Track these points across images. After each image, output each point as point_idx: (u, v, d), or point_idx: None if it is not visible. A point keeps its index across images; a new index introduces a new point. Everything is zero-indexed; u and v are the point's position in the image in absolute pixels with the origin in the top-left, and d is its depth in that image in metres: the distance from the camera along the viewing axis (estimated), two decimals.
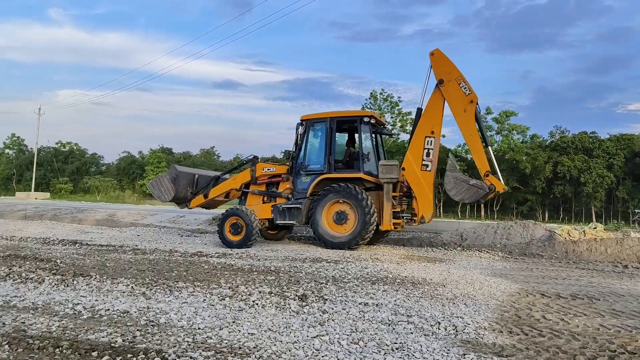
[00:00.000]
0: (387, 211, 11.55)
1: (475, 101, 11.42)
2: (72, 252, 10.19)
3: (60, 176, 62.07)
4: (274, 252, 11.06)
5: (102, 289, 6.75)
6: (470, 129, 11.47)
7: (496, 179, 11.27)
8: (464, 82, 11.46)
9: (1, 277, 7.34)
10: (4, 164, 69.25)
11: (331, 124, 12.16)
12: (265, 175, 13.01)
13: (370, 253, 11.35)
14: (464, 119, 11.46)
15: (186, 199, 13.74)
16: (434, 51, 11.91)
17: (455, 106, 11.56)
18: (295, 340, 4.75)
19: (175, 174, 13.32)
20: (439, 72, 11.72)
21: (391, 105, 41.98)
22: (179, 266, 8.66)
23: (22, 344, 4.45)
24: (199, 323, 5.22)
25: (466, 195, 11.32)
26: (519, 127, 37.71)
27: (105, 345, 4.44)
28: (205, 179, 14.13)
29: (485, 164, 11.35)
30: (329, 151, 12.07)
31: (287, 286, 7.10)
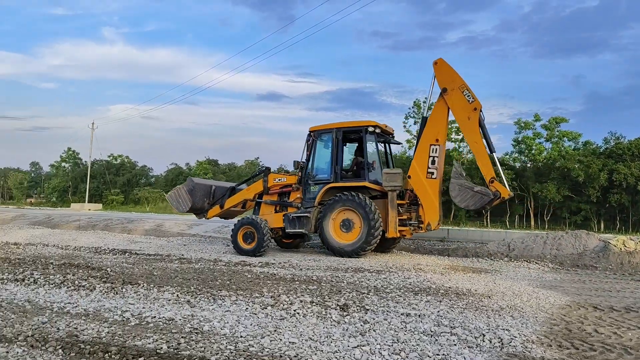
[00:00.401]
0: (392, 219, 11.66)
1: (479, 108, 11.48)
2: (122, 261, 10.54)
3: (112, 188, 64.40)
4: (316, 262, 11.08)
5: (149, 296, 6.95)
6: (474, 136, 11.57)
7: (501, 185, 11.28)
8: (468, 90, 11.58)
9: (56, 284, 7.68)
10: (60, 177, 72.45)
11: (337, 134, 12.41)
12: (277, 185, 13.36)
13: (414, 263, 11.20)
14: (468, 126, 11.60)
15: (203, 209, 14.25)
16: (437, 60, 12.07)
17: (459, 114, 11.70)
18: (336, 350, 4.73)
19: (192, 186, 13.83)
20: (442, 80, 11.89)
21: None
22: (222, 275, 8.82)
23: (75, 348, 4.64)
24: (241, 331, 5.29)
25: (471, 202, 11.33)
26: (570, 134, 36.44)
27: (151, 351, 4.57)
28: (221, 189, 14.59)
29: (490, 170, 11.39)
30: (335, 161, 12.32)
31: (328, 296, 7.10)
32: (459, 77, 11.74)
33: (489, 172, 11.37)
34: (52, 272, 8.69)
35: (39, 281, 7.88)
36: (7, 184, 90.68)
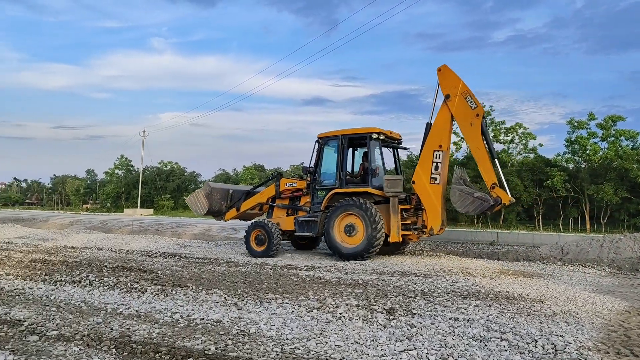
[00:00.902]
0: (395, 223, 11.86)
1: (481, 114, 11.57)
2: (172, 264, 10.82)
3: (163, 194, 66.40)
4: (361, 266, 11.02)
5: (197, 299, 7.09)
6: (476, 142, 11.64)
7: (502, 191, 11.31)
8: (470, 96, 11.65)
9: (110, 286, 7.96)
10: (114, 184, 75.31)
11: (343, 141, 12.70)
12: (288, 190, 13.80)
13: (462, 267, 10.96)
14: (470, 132, 11.68)
15: (221, 212, 14.82)
16: (441, 67, 12.16)
17: (462, 120, 11.78)
18: (382, 354, 4.68)
19: (209, 190, 14.37)
20: (446, 87, 11.98)
21: None
22: (269, 278, 8.90)
23: (127, 348, 4.79)
24: (287, 334, 5.31)
25: (471, 207, 11.34)
26: (628, 133, 34.75)
27: (199, 352, 4.65)
28: (238, 193, 15.12)
29: (491, 176, 11.43)
30: (340, 167, 12.65)
31: (374, 299, 7.04)
32: (463, 83, 11.80)
33: (490, 178, 11.44)
34: (106, 274, 9.01)
35: (94, 283, 8.19)
36: (65, 190, 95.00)
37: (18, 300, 6.92)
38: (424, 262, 11.81)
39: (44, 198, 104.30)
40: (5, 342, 4.92)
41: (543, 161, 36.15)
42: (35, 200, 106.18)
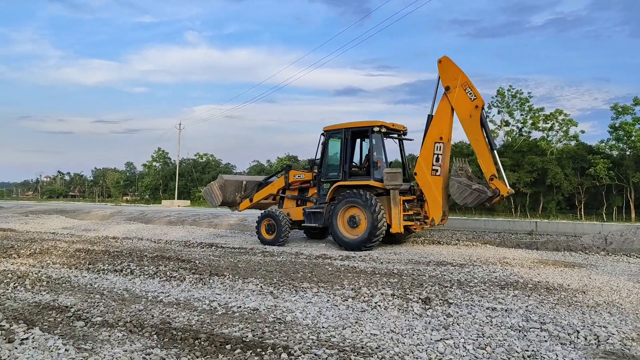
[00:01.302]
0: (396, 215, 11.97)
1: (480, 106, 11.53)
2: (209, 254, 11.03)
3: (199, 185, 67.52)
4: (396, 255, 10.97)
5: (234, 287, 7.22)
6: (475, 133, 11.62)
7: (501, 183, 11.33)
8: (470, 88, 11.62)
9: (150, 275, 8.19)
10: (152, 176, 77.02)
11: (346, 134, 12.87)
12: (297, 181, 14.13)
13: (499, 257, 10.78)
14: (469, 124, 11.65)
15: (235, 202, 15.30)
16: (442, 59, 12.16)
17: (461, 112, 11.77)
18: (418, 342, 4.67)
19: (222, 183, 14.92)
20: (446, 79, 11.99)
21: (520, 102, 39.53)
22: (304, 268, 8.97)
23: (168, 334, 4.92)
24: (323, 322, 5.36)
25: (469, 199, 11.36)
26: None
27: (237, 339, 4.75)
28: (252, 184, 15.59)
29: (490, 168, 11.45)
30: (344, 160, 12.84)
31: (410, 289, 7.01)
32: (463, 74, 11.77)
33: (489, 170, 11.46)
34: (146, 263, 9.26)
35: (135, 272, 8.44)
36: (105, 183, 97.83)
37: (65, 287, 7.20)
38: (460, 252, 11.67)
39: (86, 190, 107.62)
40: (54, 327, 5.14)
41: (585, 148, 35.07)
42: (77, 192, 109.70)
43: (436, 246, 13.16)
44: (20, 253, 10.56)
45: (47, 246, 11.88)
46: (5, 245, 11.96)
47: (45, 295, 6.68)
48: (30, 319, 5.41)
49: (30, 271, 8.39)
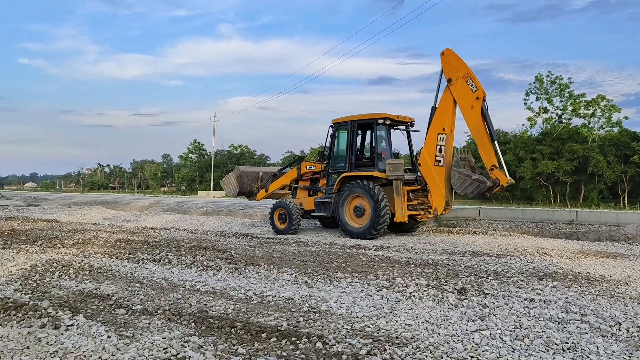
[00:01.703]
0: (399, 204, 12.21)
1: (481, 97, 11.61)
2: (244, 244, 11.18)
3: None
4: (431, 246, 10.88)
5: (269, 277, 7.31)
6: (476, 125, 11.71)
7: (501, 173, 11.42)
8: (472, 79, 11.72)
9: (187, 264, 8.37)
10: (188, 167, 78.48)
11: (352, 126, 13.18)
12: (309, 172, 14.54)
13: (537, 247, 10.55)
14: (470, 115, 11.75)
15: (252, 192, 15.90)
16: (445, 51, 12.27)
17: (463, 103, 11.86)
18: (454, 333, 4.63)
19: (239, 174, 15.58)
20: (448, 71, 12.11)
21: (560, 87, 38.38)
22: (338, 258, 8.99)
23: (205, 322, 5.03)
24: (357, 312, 5.37)
25: (469, 189, 11.50)
26: None
27: (272, 328, 4.81)
28: (268, 175, 16.03)
29: (491, 158, 11.57)
30: (350, 151, 13.15)
31: (445, 279, 6.95)
32: (465, 66, 11.88)
33: (489, 161, 11.58)
34: (183, 253, 9.47)
35: (173, 261, 8.64)
36: (143, 174, 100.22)
37: (106, 276, 7.44)
38: (497, 242, 11.48)
39: (125, 182, 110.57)
40: (97, 315, 5.32)
41: (629, 135, 33.85)
42: (117, 184, 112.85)
43: (472, 236, 12.98)
44: (64, 243, 10.96)
45: (89, 236, 12.28)
46: (50, 235, 12.42)
47: (88, 283, 6.92)
48: (75, 307, 5.62)
49: (74, 260, 8.70)
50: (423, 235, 13.08)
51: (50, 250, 10.03)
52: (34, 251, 9.81)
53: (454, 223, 16.16)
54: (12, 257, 8.97)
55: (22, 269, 7.91)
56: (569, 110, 38.33)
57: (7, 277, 7.27)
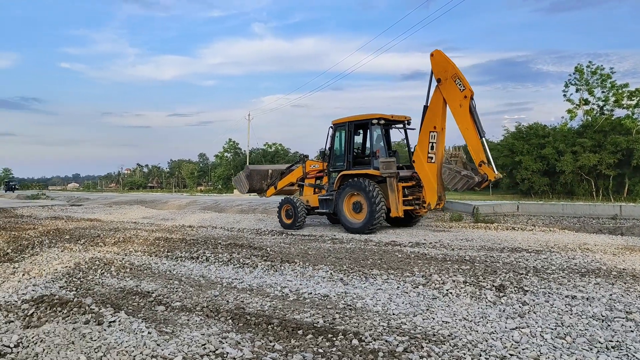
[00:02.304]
0: (394, 200, 12.72)
1: (469, 96, 11.95)
2: (280, 242, 11.27)
3: None
4: (468, 242, 10.71)
5: (305, 274, 7.35)
6: (465, 122, 12.04)
7: (489, 169, 11.80)
8: (460, 79, 12.09)
9: (224, 262, 8.49)
10: (224, 166, 79.48)
11: (349, 127, 13.80)
12: (313, 170, 15.31)
13: (579, 242, 10.24)
14: (459, 113, 12.11)
15: (262, 189, 16.75)
16: (434, 52, 12.70)
17: (452, 102, 12.26)
18: (492, 330, 4.55)
19: (248, 172, 16.55)
20: (437, 71, 12.50)
21: (601, 78, 37.10)
22: (373, 255, 8.96)
23: (242, 319, 5.10)
24: (393, 309, 5.34)
25: (459, 184, 12.00)
26: None
27: (309, 325, 4.83)
28: (277, 172, 16.83)
29: (479, 154, 11.91)
30: (348, 150, 13.81)
31: (482, 276, 6.83)
32: (453, 67, 12.25)
33: (478, 157, 11.94)
34: (220, 251, 9.62)
35: (210, 259, 8.78)
36: (180, 174, 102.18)
37: (146, 274, 7.62)
38: (536, 238, 11.21)
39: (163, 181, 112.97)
40: (138, 311, 5.46)
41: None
42: (155, 183, 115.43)
43: (510, 232, 12.72)
44: (105, 241, 11.29)
45: (129, 235, 12.62)
46: (92, 234, 12.82)
47: (129, 281, 7.11)
48: (117, 303, 5.78)
49: (115, 258, 8.95)
50: (460, 232, 12.88)
51: (93, 248, 10.35)
52: (78, 249, 10.14)
53: (491, 219, 15.86)
54: (57, 256, 9.30)
55: (66, 266, 8.19)
56: (611, 101, 36.99)
57: (53, 275, 7.55)
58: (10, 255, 9.65)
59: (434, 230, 13.54)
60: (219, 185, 79.20)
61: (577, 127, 38.93)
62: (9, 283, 7.17)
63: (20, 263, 8.72)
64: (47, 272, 7.81)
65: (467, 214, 16.78)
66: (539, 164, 38.28)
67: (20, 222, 17.31)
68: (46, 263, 8.56)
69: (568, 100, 40.18)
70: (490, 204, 18.04)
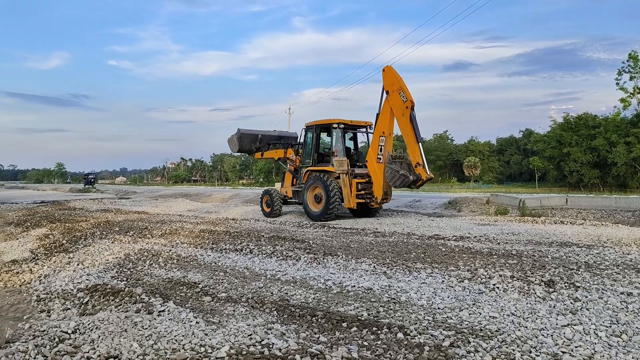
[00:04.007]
0: (346, 194, 14.81)
1: (410, 107, 13.73)
2: (322, 234, 11.30)
3: None
4: (515, 236, 10.44)
5: (348, 267, 7.34)
6: (406, 128, 13.88)
7: (422, 169, 13.54)
8: (403, 92, 13.81)
9: (267, 254, 8.59)
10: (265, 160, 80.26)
11: (316, 129, 16.05)
12: (292, 160, 17.31)
13: (634, 238, 9.81)
14: (401, 121, 14.02)
15: (252, 151, 19.03)
16: (385, 68, 14.47)
17: (396, 111, 14.12)
18: (542, 327, 4.42)
19: (239, 134, 18.47)
20: (386, 84, 14.27)
21: None
22: (416, 248, 8.86)
23: (287, 311, 5.15)
24: (438, 303, 5.27)
25: (398, 182, 13.90)
26: None
27: (353, 317, 4.83)
28: (267, 137, 18.92)
29: (416, 156, 13.63)
30: (314, 149, 15.95)
31: (531, 271, 6.64)
32: (399, 81, 13.94)
33: (414, 158, 13.67)
34: (263, 243, 9.73)
35: (254, 251, 8.90)
36: (223, 167, 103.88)
37: (192, 265, 7.80)
38: (587, 232, 10.81)
39: (206, 175, 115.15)
40: (186, 301, 5.60)
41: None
42: (199, 177, 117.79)
43: (559, 226, 12.31)
44: (153, 234, 11.62)
45: (176, 227, 12.94)
46: (140, 226, 13.22)
47: (176, 272, 7.30)
48: (165, 293, 5.95)
49: (163, 250, 9.20)
50: (506, 225, 12.57)
51: (141, 240, 10.67)
52: (127, 241, 10.48)
53: (538, 212, 15.41)
54: (108, 247, 9.64)
55: (117, 257, 8.48)
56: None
57: (105, 265, 7.83)
58: (66, 245, 10.08)
59: (479, 224, 13.27)
60: (261, 179, 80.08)
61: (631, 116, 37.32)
62: (65, 272, 7.49)
63: (74, 253, 9.09)
64: (99, 262, 8.11)
65: (513, 207, 16.37)
66: (588, 155, 36.92)
67: (74, 214, 18.04)
68: (98, 254, 8.89)
69: (621, 88, 38.52)
70: (537, 197, 17.52)
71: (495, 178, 64.04)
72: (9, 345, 4.23)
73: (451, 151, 68.08)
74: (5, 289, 6.96)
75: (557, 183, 43.30)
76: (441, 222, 14.01)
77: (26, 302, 6.08)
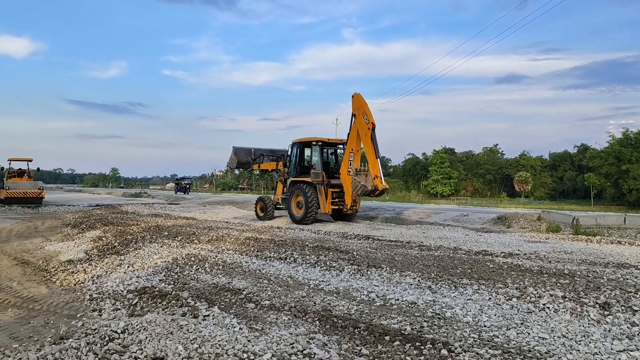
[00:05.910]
0: (322, 201, 17.56)
1: (371, 128, 16.04)
2: (366, 246, 11.22)
3: None
4: (567, 255, 10.04)
5: (392, 280, 7.26)
6: (368, 146, 16.25)
7: (379, 181, 15.75)
8: (367, 115, 16.19)
9: (311, 264, 8.61)
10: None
11: (299, 146, 18.94)
12: (282, 171, 19.73)
13: None
14: (364, 139, 16.43)
15: (248, 163, 21.76)
16: (354, 95, 16.96)
17: (361, 132, 16.53)
18: (596, 352, 4.22)
19: (235, 150, 21.36)
20: (354, 109, 16.81)
21: None
22: (463, 263, 8.66)
23: (329, 321, 5.14)
24: (485, 321, 5.13)
25: (359, 191, 16.26)
26: None
27: (396, 331, 4.77)
28: (260, 151, 21.48)
29: (375, 170, 15.91)
30: (297, 163, 18.81)
31: (584, 292, 6.35)
32: (364, 105, 16.38)
33: (373, 171, 15.95)
34: (307, 253, 9.76)
35: (298, 260, 8.94)
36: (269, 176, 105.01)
37: (237, 272, 7.92)
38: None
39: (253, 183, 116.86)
40: (230, 307, 5.68)
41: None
42: (245, 185, 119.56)
43: (616, 246, 11.76)
44: (200, 239, 11.87)
45: (222, 234, 13.18)
46: (188, 232, 13.54)
47: (221, 277, 7.42)
48: (210, 298, 6.05)
49: (209, 256, 9.38)
50: (557, 243, 12.12)
51: (189, 245, 10.92)
52: (175, 246, 10.75)
53: (593, 231, 14.77)
54: (157, 251, 9.92)
55: (165, 261, 8.72)
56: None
57: (154, 268, 8.06)
58: (117, 248, 10.45)
59: (529, 240, 12.85)
60: None
61: None
62: (116, 274, 7.76)
63: (125, 256, 9.41)
64: (148, 265, 8.35)
65: (566, 225, 15.77)
66: None
67: (125, 218, 18.69)
68: (147, 257, 9.16)
69: None
70: (593, 215, 16.81)
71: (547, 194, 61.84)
72: (63, 341, 4.41)
73: (501, 165, 66.34)
74: (62, 287, 7.29)
75: (614, 201, 41.41)
76: (489, 237, 13.65)
77: (79, 301, 6.34)
